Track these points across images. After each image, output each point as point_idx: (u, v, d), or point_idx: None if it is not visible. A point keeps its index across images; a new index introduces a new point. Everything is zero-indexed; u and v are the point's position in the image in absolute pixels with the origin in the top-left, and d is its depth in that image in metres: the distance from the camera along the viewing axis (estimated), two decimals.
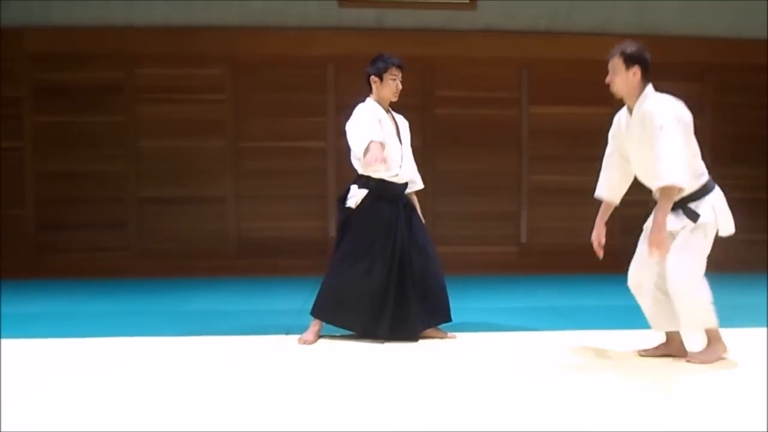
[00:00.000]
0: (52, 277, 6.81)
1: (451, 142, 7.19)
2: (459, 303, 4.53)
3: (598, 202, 7.43)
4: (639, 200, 7.39)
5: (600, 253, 3.95)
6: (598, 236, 4.00)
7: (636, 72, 3.79)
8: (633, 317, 5.03)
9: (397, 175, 4.22)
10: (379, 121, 4.22)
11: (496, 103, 7.33)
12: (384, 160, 4.01)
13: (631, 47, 3.78)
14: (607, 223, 4.06)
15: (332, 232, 5.96)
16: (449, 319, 4.30)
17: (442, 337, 4.26)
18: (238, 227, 7.23)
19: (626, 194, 7.56)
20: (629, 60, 3.79)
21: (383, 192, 4.19)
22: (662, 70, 7.34)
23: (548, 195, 7.37)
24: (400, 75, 4.37)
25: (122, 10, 7.05)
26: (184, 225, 7.19)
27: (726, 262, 7.25)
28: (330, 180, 7.22)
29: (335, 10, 7.22)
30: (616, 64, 3.78)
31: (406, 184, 4.34)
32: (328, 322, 4.22)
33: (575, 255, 7.32)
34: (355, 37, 7.16)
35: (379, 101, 4.33)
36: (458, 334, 4.30)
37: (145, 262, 7.10)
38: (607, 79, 3.85)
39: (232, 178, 7.20)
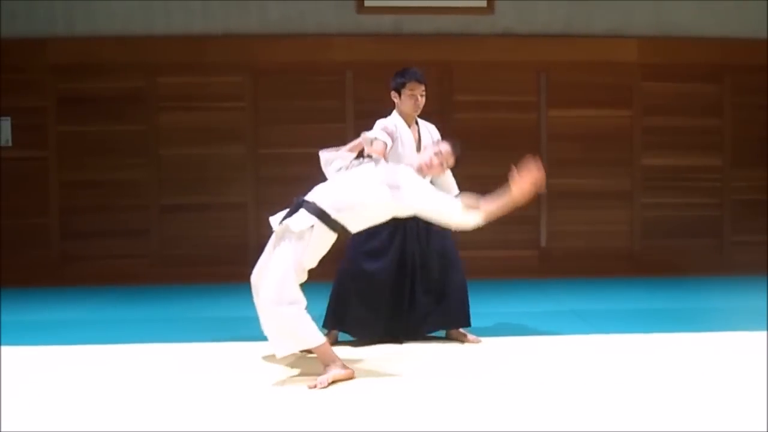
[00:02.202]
0: (75, 285, 6.90)
1: (470, 147, 7.07)
2: (480, 307, 4.54)
3: (618, 205, 7.49)
4: (658, 203, 7.44)
5: None
6: None
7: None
8: (655, 320, 5.03)
9: None
10: (395, 128, 4.26)
11: (514, 107, 7.33)
12: (383, 147, 4.00)
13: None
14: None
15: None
16: (467, 324, 4.31)
17: (466, 341, 4.27)
18: (258, 233, 7.26)
19: (645, 197, 7.61)
20: None
21: None
22: (680, 71, 7.43)
23: (567, 198, 7.35)
24: (420, 89, 4.31)
25: (143, 20, 7.14)
26: (205, 232, 7.24)
27: (743, 265, 7.25)
28: None
29: (353, 16, 7.25)
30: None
31: None
32: (339, 330, 4.25)
33: (595, 258, 7.32)
34: (373, 43, 7.19)
35: (401, 115, 4.35)
36: (479, 338, 4.31)
37: (167, 269, 7.16)
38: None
39: (252, 185, 7.25)
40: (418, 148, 4.34)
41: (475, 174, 7.07)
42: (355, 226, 3.66)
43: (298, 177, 7.21)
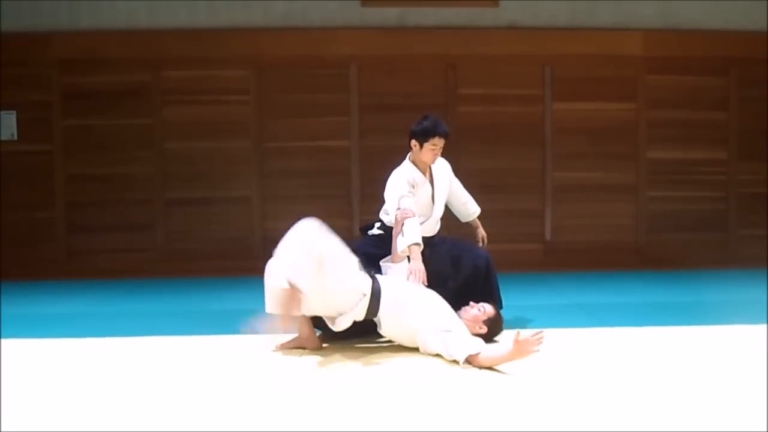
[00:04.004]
0: (81, 278, 6.92)
1: (475, 140, 7.18)
2: None
3: (623, 198, 7.48)
4: (663, 197, 7.43)
5: None
6: None
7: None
8: (660, 314, 5.03)
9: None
10: (413, 186, 4.26)
11: (519, 101, 7.31)
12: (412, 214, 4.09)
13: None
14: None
15: (356, 231, 5.99)
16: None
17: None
18: (263, 227, 7.29)
19: (650, 190, 7.60)
20: None
21: None
22: (687, 64, 7.41)
23: (572, 192, 7.33)
24: (442, 143, 4.29)
25: (148, 14, 7.14)
26: (210, 225, 7.26)
27: (748, 259, 7.23)
28: (354, 179, 7.25)
29: (357, 9, 7.24)
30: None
31: (430, 237, 4.35)
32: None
33: (600, 252, 7.31)
34: (377, 36, 7.18)
35: (417, 163, 4.34)
36: None
37: (172, 263, 7.18)
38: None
39: (257, 179, 7.26)
40: (433, 197, 4.38)
41: (479, 167, 7.14)
42: (383, 329, 3.84)
43: (302, 171, 7.29)
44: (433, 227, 4.43)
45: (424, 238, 4.25)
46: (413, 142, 4.30)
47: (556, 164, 7.36)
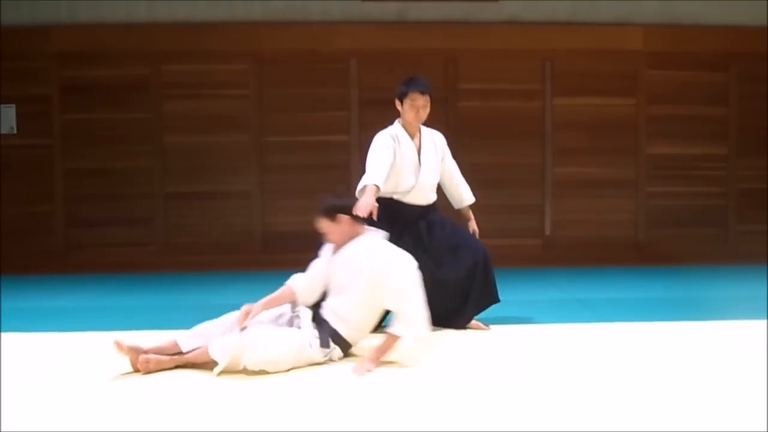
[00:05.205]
0: (80, 272, 6.92)
1: (475, 135, 7.18)
2: None
3: (622, 194, 7.47)
4: (663, 192, 7.42)
5: None
6: None
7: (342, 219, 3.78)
8: (659, 309, 5.03)
9: (409, 192, 4.22)
10: (394, 141, 4.21)
11: (519, 96, 7.30)
12: (372, 210, 3.81)
13: (329, 201, 3.82)
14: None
15: None
16: (496, 300, 4.33)
17: (476, 329, 4.28)
18: (262, 222, 7.29)
19: (650, 186, 7.60)
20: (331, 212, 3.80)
21: (395, 213, 4.16)
22: (687, 59, 7.40)
23: (572, 187, 7.34)
24: (421, 100, 4.20)
25: (147, 7, 7.13)
26: (210, 220, 7.25)
27: (747, 255, 7.23)
28: (353, 174, 7.22)
29: (357, 4, 7.23)
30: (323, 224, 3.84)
31: (424, 207, 4.31)
32: None
33: (600, 247, 7.32)
34: (377, 30, 7.17)
35: (404, 125, 4.31)
36: (487, 326, 4.32)
37: (172, 257, 7.18)
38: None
39: (257, 173, 7.25)
40: (419, 159, 4.30)
41: (479, 162, 7.13)
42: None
43: (302, 165, 7.28)
44: (425, 195, 4.32)
45: (420, 207, 4.26)
46: (397, 103, 4.30)
47: (556, 159, 7.36)
